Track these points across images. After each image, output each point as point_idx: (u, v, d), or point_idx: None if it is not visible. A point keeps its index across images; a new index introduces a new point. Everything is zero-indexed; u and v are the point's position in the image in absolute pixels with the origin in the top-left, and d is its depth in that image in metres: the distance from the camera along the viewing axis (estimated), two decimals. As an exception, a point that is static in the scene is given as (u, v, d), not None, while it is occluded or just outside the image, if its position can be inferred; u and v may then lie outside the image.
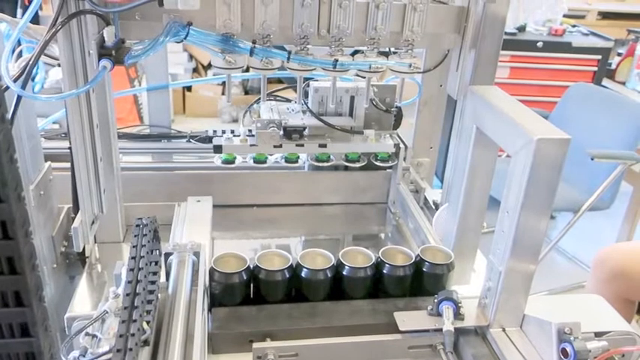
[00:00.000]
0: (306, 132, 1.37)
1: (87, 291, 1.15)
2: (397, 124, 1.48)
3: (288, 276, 1.08)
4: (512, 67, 3.57)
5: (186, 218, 1.30)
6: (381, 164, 1.48)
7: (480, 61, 1.15)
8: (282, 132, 1.35)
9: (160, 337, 0.83)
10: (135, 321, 0.73)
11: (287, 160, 1.47)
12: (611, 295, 1.21)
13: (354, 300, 1.10)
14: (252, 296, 1.09)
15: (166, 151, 1.69)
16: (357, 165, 1.47)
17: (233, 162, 1.41)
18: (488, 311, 1.04)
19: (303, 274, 1.08)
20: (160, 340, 0.83)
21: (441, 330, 1.02)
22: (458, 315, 1.03)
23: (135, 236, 0.90)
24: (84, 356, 0.72)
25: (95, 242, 1.24)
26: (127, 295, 0.77)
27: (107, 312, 0.81)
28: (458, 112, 1.23)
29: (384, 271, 1.11)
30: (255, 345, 0.98)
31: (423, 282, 1.13)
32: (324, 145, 1.37)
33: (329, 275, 1.09)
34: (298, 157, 1.49)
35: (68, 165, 1.10)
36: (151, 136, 1.73)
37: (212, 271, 1.05)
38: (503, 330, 1.03)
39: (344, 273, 1.10)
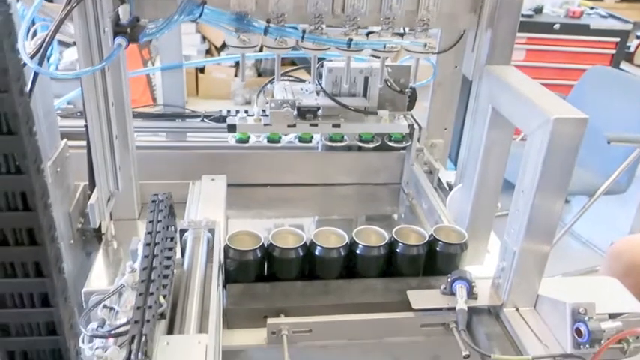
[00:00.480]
0: (319, 112, 1.37)
1: (103, 266, 1.17)
2: (411, 104, 1.47)
3: (301, 254, 1.09)
4: (528, 50, 3.52)
5: (201, 196, 1.30)
6: (395, 145, 1.48)
7: (496, 42, 1.14)
8: (295, 112, 1.35)
9: (175, 311, 0.85)
10: (152, 294, 0.74)
11: (301, 140, 1.47)
12: (627, 288, 1.19)
13: (367, 278, 1.11)
14: (266, 273, 1.10)
15: (181, 130, 1.69)
16: (371, 145, 1.46)
17: (247, 141, 1.42)
18: (501, 291, 1.05)
19: (316, 252, 1.09)
20: (175, 315, 0.84)
21: (454, 309, 1.02)
22: (471, 294, 1.04)
23: (151, 212, 0.91)
24: (102, 327, 0.73)
25: (111, 219, 1.25)
26: (144, 268, 0.78)
27: (124, 285, 0.82)
28: (473, 93, 1.23)
29: (398, 250, 1.11)
30: (270, 320, 0.99)
31: (436, 261, 1.14)
32: (337, 126, 1.38)
33: (342, 253, 1.09)
34: (312, 137, 1.48)
35: (84, 143, 1.11)
36: (165, 115, 1.74)
37: (227, 248, 1.06)
38: (517, 310, 1.04)
39: (357, 251, 1.10)
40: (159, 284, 0.77)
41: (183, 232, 1.02)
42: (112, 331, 0.73)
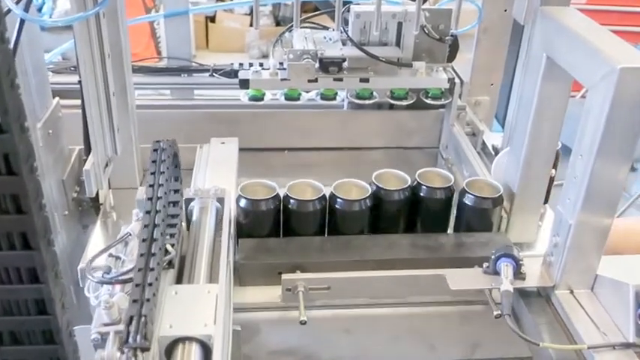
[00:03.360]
0: (345, 64, 1.36)
1: (102, 241, 1.18)
2: (452, 55, 1.46)
3: (320, 207, 1.12)
4: (590, -8, 3.42)
5: (209, 162, 1.30)
6: (433, 102, 1.47)
7: (553, -22, 1.11)
8: (317, 64, 1.34)
9: (185, 262, 0.89)
10: (156, 240, 0.76)
11: (323, 97, 1.47)
12: None
13: (391, 234, 1.15)
14: (281, 229, 1.13)
15: (187, 86, 1.69)
16: (405, 103, 1.46)
17: (262, 99, 1.42)
18: (554, 270, 1.04)
19: (337, 205, 1.12)
20: (184, 265, 0.88)
21: (497, 290, 1.01)
22: (518, 274, 1.03)
23: (153, 162, 0.91)
24: (108, 274, 0.78)
25: (110, 188, 1.27)
26: (147, 212, 0.80)
27: (130, 234, 0.85)
28: (525, 40, 1.20)
29: (422, 194, 1.16)
30: (285, 276, 1.02)
31: (467, 217, 1.16)
32: (366, 80, 1.37)
33: (365, 206, 1.13)
34: (336, 94, 1.48)
35: (79, 102, 1.11)
36: (169, 69, 1.73)
37: (239, 198, 1.10)
38: (571, 292, 1.04)
39: (380, 197, 1.14)
40: (163, 230, 0.79)
41: (189, 201, 1.03)
42: (119, 277, 0.78)
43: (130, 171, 1.33)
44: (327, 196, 1.14)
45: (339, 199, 1.12)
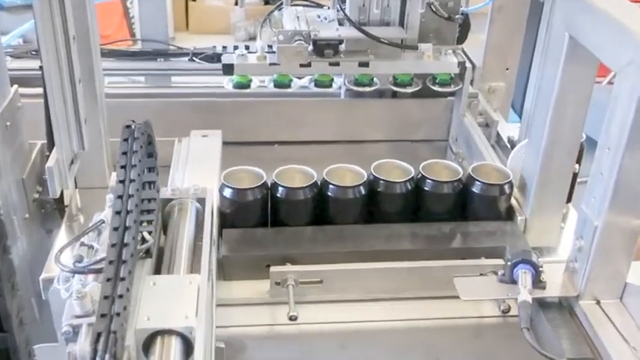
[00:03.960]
0: (342, 47, 1.38)
1: (67, 248, 1.15)
2: (463, 36, 1.46)
3: (312, 194, 1.13)
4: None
5: (189, 157, 1.30)
6: (441, 89, 1.49)
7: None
8: (311, 47, 1.36)
9: (164, 251, 0.91)
10: (129, 228, 0.76)
11: (318, 85, 1.50)
12: None
13: (390, 224, 1.16)
14: (269, 219, 1.14)
15: (163, 72, 1.69)
16: (409, 90, 1.48)
17: (248, 86, 1.45)
18: (577, 278, 1.04)
19: (329, 193, 1.13)
20: (164, 255, 0.90)
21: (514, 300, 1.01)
22: (538, 282, 1.03)
23: (124, 140, 0.90)
24: (80, 262, 0.79)
25: (76, 188, 1.25)
26: (119, 197, 0.79)
27: (104, 221, 0.86)
28: (545, 19, 1.21)
29: (426, 188, 1.16)
30: (274, 268, 1.04)
31: (473, 205, 1.18)
32: (365, 64, 1.39)
33: (360, 194, 1.13)
34: (332, 81, 1.50)
35: (40, 90, 1.11)
36: (143, 53, 1.73)
37: (222, 187, 1.11)
38: (598, 302, 1.03)
39: (378, 189, 1.14)
40: (137, 216, 0.79)
41: (166, 203, 1.02)
42: (91, 266, 0.78)
43: (99, 168, 1.31)
44: (319, 183, 1.15)
45: (331, 186, 1.13)
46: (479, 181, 1.17)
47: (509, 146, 1.44)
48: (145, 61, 1.70)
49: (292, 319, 1.00)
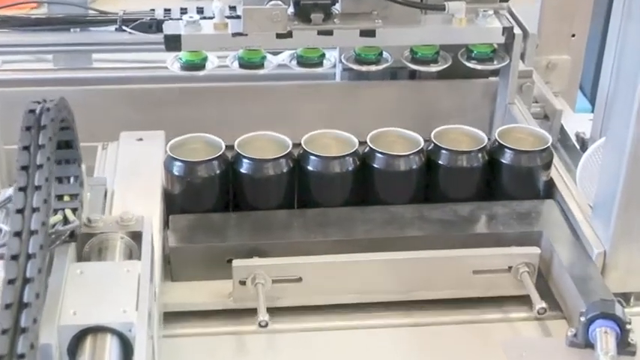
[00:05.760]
0: (337, 7, 1.26)
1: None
2: None
3: (286, 168, 1.10)
4: None
5: (118, 170, 1.20)
6: (479, 67, 1.33)
7: None
8: (291, 8, 1.25)
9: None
10: (36, 210, 0.72)
11: (302, 63, 1.33)
12: None
13: (389, 205, 1.13)
14: (230, 201, 1.12)
15: (80, 48, 1.56)
16: (434, 69, 1.33)
17: (202, 67, 1.30)
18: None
19: (310, 166, 1.10)
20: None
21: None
22: (625, 346, 0.94)
23: (26, 129, 0.81)
24: None
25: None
26: (24, 168, 0.76)
27: (11, 200, 0.82)
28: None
29: (441, 162, 1.13)
30: (237, 262, 0.99)
31: (499, 180, 1.15)
32: (370, 33, 1.25)
33: (351, 166, 1.10)
34: (323, 57, 1.33)
35: None
36: (51, 20, 1.57)
37: (169, 160, 1.08)
38: None
39: (374, 165, 1.11)
40: (46, 194, 0.74)
41: (83, 240, 0.90)
42: None
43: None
44: (297, 155, 1.11)
45: (312, 157, 1.09)
46: (508, 148, 1.12)
47: (578, 147, 1.36)
48: (55, 34, 1.55)
49: (262, 325, 0.94)
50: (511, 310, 1.04)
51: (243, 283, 0.98)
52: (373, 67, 1.33)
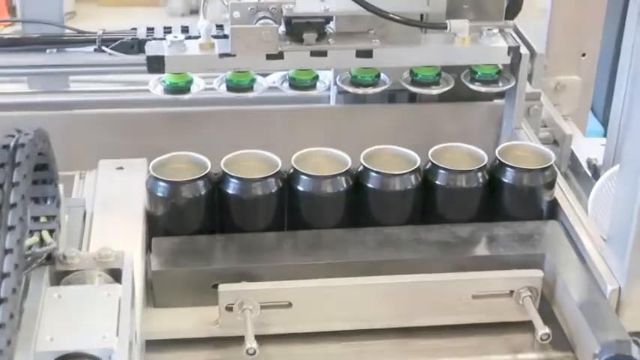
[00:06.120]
0: (331, 26, 1.25)
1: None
2: (515, 8, 1.31)
3: (275, 189, 1.09)
4: None
5: (97, 201, 1.18)
6: (483, 89, 1.31)
7: None
8: (283, 27, 1.24)
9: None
10: (12, 228, 0.72)
11: (294, 85, 1.31)
12: None
13: (383, 227, 1.12)
14: (217, 223, 1.12)
15: (57, 70, 1.56)
16: (435, 91, 1.31)
17: (187, 90, 1.29)
18: None
19: (300, 186, 1.10)
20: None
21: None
22: None
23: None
24: None
25: None
26: None
27: None
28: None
29: (438, 182, 1.12)
30: (224, 287, 0.98)
31: (501, 200, 1.14)
32: (367, 53, 1.24)
33: (343, 186, 1.10)
34: (316, 79, 1.31)
35: None
36: (26, 41, 1.56)
37: (152, 180, 1.08)
38: None
39: (368, 184, 1.11)
40: (22, 212, 0.74)
41: (58, 277, 0.90)
42: None
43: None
44: (286, 174, 1.11)
45: (303, 177, 1.09)
46: (509, 166, 1.11)
47: (589, 174, 1.34)
48: (29, 54, 1.54)
49: (250, 353, 0.93)
50: (513, 337, 1.02)
51: (229, 309, 0.97)
52: (370, 90, 1.31)
